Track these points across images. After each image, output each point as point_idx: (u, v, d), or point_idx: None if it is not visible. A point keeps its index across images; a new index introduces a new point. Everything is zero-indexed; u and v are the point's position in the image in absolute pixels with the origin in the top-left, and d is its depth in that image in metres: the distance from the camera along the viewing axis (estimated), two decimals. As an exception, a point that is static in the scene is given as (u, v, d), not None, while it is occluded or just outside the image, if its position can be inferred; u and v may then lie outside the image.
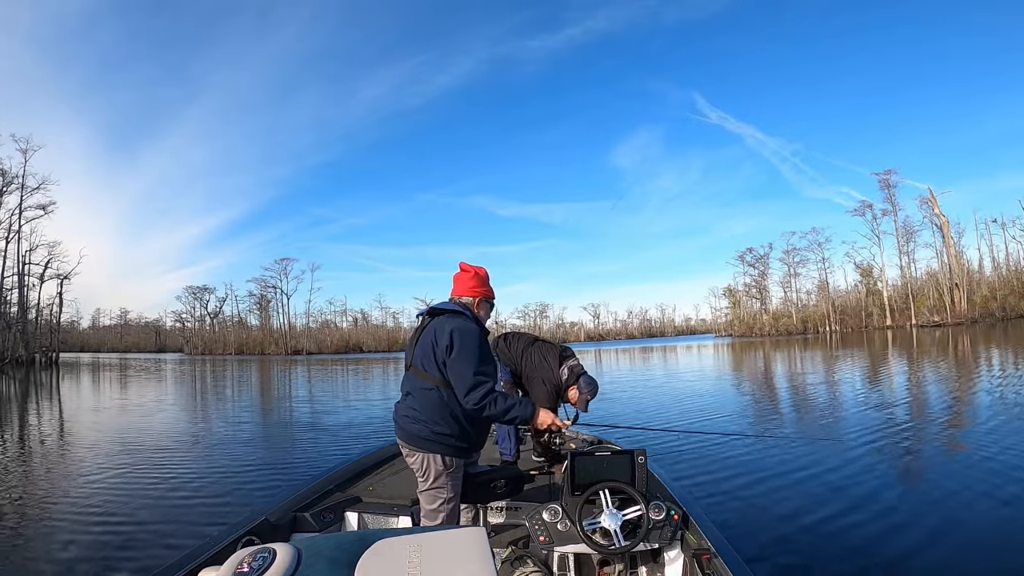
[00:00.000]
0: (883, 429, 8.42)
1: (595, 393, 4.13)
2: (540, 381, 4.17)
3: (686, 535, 2.74)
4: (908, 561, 3.85)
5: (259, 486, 6.51)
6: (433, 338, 2.64)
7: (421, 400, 2.65)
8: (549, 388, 4.14)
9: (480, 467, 3.03)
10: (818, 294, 72.93)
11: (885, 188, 64.33)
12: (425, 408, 2.64)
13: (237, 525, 2.78)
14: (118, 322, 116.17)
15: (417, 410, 2.65)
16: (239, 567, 0.99)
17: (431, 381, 2.63)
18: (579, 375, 4.14)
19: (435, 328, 2.67)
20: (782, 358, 28.45)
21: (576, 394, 4.09)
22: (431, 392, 2.63)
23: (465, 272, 2.90)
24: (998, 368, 16.58)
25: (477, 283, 2.87)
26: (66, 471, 7.60)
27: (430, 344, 2.64)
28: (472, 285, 2.85)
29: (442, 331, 2.61)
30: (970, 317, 54.09)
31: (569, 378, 4.13)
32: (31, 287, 52.13)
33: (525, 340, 4.49)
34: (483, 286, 2.89)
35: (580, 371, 4.17)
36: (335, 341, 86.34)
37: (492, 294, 2.94)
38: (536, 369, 4.22)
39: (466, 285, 2.86)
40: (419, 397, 2.66)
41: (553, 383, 4.14)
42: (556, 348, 4.36)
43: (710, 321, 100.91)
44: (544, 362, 4.22)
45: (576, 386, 4.10)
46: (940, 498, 5.12)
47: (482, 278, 2.90)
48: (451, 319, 2.67)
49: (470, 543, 1.13)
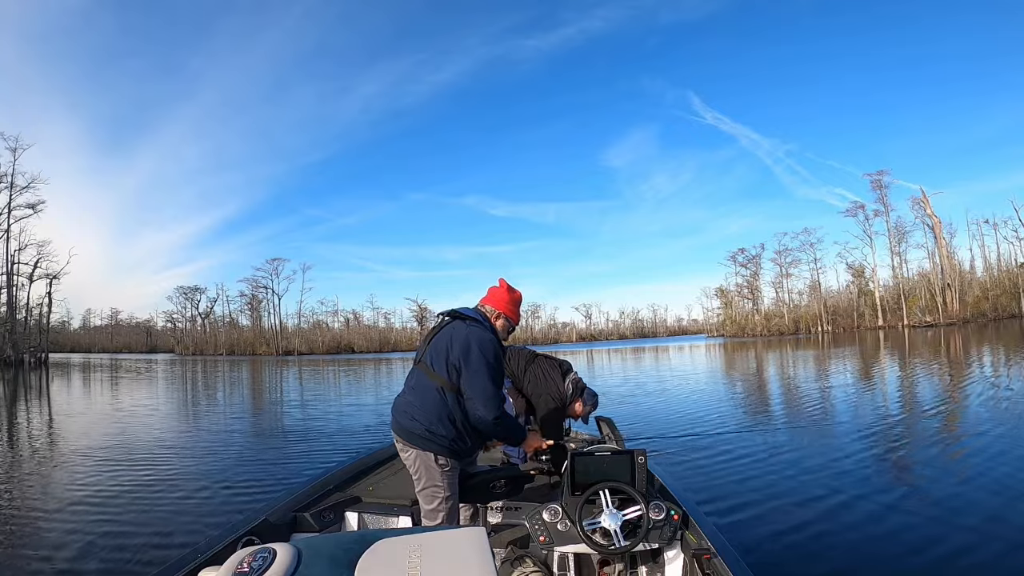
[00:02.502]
0: (882, 429, 8.47)
1: (596, 405, 4.44)
2: (549, 398, 4.29)
3: (686, 535, 2.73)
4: (908, 560, 3.86)
5: (259, 486, 6.48)
6: (449, 340, 2.69)
7: (423, 397, 2.68)
8: (557, 404, 4.29)
9: (480, 467, 3.03)
10: (810, 294, 73.48)
11: (877, 189, 64.89)
12: (425, 406, 2.65)
13: (237, 525, 2.78)
14: (109, 322, 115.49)
15: (417, 407, 2.68)
16: (239, 567, 0.99)
17: (437, 381, 2.65)
18: (582, 389, 4.36)
19: (453, 331, 2.72)
20: (776, 358, 28.63)
21: (581, 407, 4.32)
22: (434, 392, 2.65)
23: (501, 288, 2.97)
24: (990, 367, 16.75)
25: (508, 301, 2.95)
26: (61, 473, 7.51)
27: (445, 346, 2.68)
28: (503, 300, 2.93)
29: (460, 336, 2.67)
30: (962, 317, 54.54)
31: (574, 392, 4.32)
32: (20, 287, 51.86)
33: (526, 356, 4.59)
34: (512, 306, 2.96)
35: (582, 385, 4.39)
36: (326, 341, 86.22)
37: (517, 318, 2.99)
38: (541, 386, 4.34)
39: (497, 298, 2.94)
40: (421, 394, 2.69)
41: (559, 399, 4.29)
42: (557, 363, 4.51)
43: (702, 321, 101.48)
44: (548, 379, 4.35)
45: (581, 400, 4.31)
46: (940, 496, 5.14)
47: (514, 300, 2.98)
48: (471, 326, 2.73)
49: (470, 543, 1.13)
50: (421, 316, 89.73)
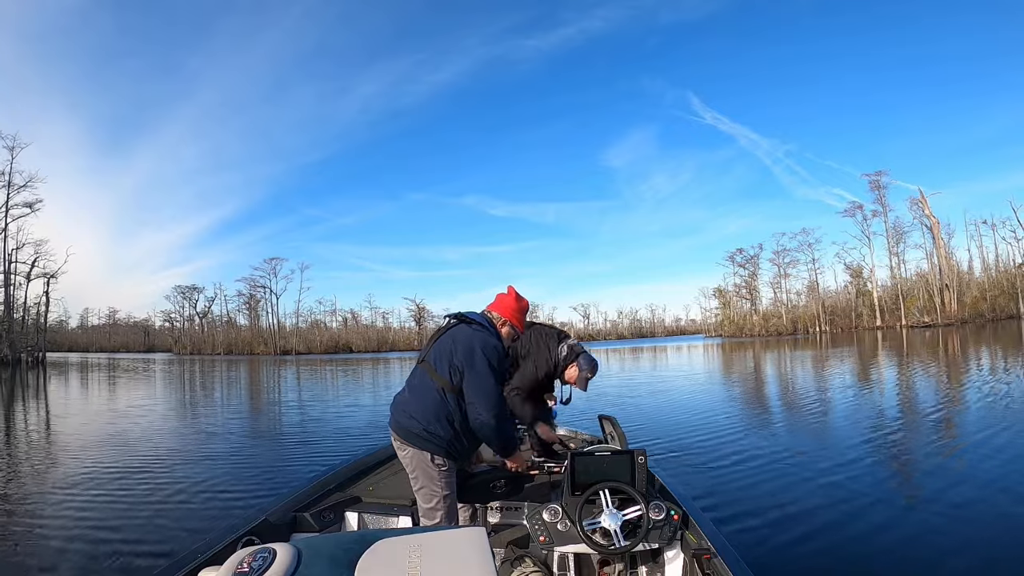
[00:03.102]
0: (881, 429, 8.49)
1: (595, 371, 3.98)
2: (532, 364, 3.97)
3: (686, 535, 2.73)
4: (908, 560, 3.86)
5: (259, 486, 6.47)
6: (452, 343, 2.71)
7: (423, 397, 2.69)
8: (540, 374, 3.98)
9: (479, 467, 3.01)
10: (808, 295, 73.53)
11: (875, 189, 64.85)
12: (424, 405, 2.67)
13: (237, 525, 2.77)
14: (107, 322, 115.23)
15: (416, 406, 2.69)
16: (239, 567, 0.99)
17: (439, 381, 2.67)
18: (579, 353, 3.98)
19: (457, 334, 2.75)
20: (774, 359, 28.66)
21: (575, 372, 3.93)
22: (435, 392, 2.67)
23: (510, 296, 3.00)
24: (987, 367, 16.77)
25: (516, 310, 2.97)
26: (60, 473, 7.49)
27: (448, 348, 2.70)
28: (511, 308, 2.96)
29: (464, 339, 2.70)
30: (960, 318, 54.64)
31: (568, 356, 3.97)
32: (17, 286, 51.71)
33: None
34: (520, 315, 2.99)
35: (580, 350, 4.02)
36: (324, 341, 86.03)
37: (522, 327, 3.03)
38: (531, 351, 4.03)
39: (505, 306, 2.96)
40: (422, 393, 2.70)
41: (546, 369, 3.98)
42: (555, 331, 4.20)
43: (700, 322, 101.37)
44: (541, 344, 4.04)
45: (576, 363, 3.94)
46: (940, 496, 5.15)
47: (522, 308, 3.00)
48: (476, 330, 2.76)
49: (470, 543, 1.13)
50: (419, 316, 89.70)
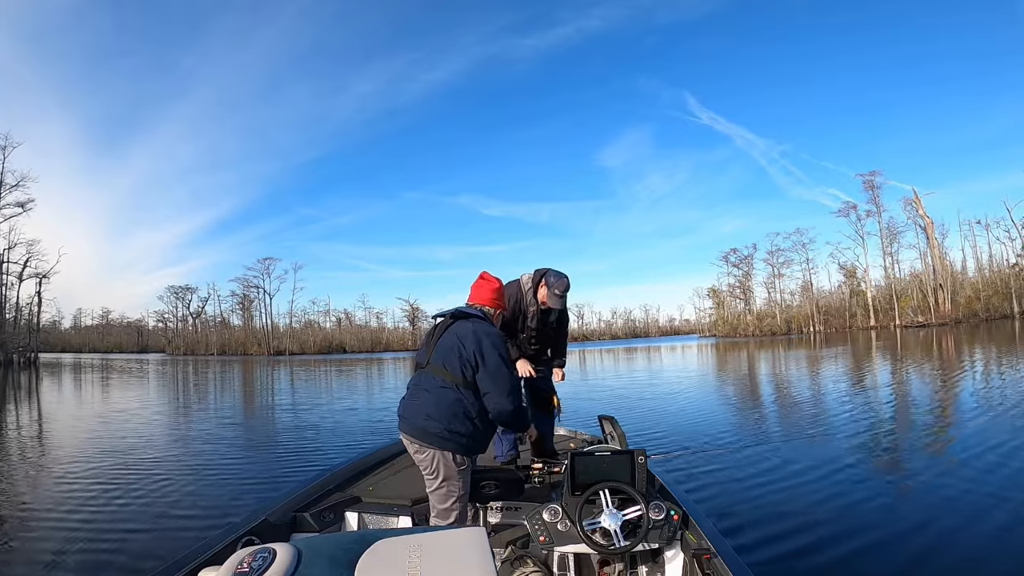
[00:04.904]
0: (879, 429, 8.53)
1: (567, 287, 3.85)
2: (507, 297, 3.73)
3: (686, 535, 2.73)
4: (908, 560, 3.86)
5: (259, 486, 6.46)
6: (458, 339, 2.74)
7: (437, 398, 2.70)
8: (515, 296, 3.87)
9: (480, 467, 3.01)
10: (802, 295, 73.77)
11: (869, 189, 65.01)
12: (441, 405, 2.68)
13: (237, 525, 2.77)
14: (100, 322, 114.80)
15: (432, 407, 2.70)
16: (239, 567, 0.98)
17: (451, 380, 2.70)
18: (543, 274, 3.87)
19: (460, 330, 2.78)
20: (769, 358, 28.79)
21: (546, 291, 3.83)
22: (449, 390, 2.69)
23: (488, 282, 3.06)
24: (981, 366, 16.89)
25: (496, 296, 3.05)
26: (58, 474, 7.43)
27: (455, 345, 2.73)
28: (492, 297, 3.03)
29: (469, 334, 2.73)
30: (954, 318, 54.92)
31: (533, 279, 3.89)
32: (9, 286, 51.50)
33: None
34: (500, 299, 3.08)
35: (543, 271, 3.89)
36: (318, 341, 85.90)
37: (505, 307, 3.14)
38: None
39: (487, 296, 3.02)
40: (436, 395, 2.71)
41: (517, 291, 3.89)
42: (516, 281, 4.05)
43: (694, 322, 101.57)
44: (510, 284, 3.92)
45: (544, 284, 3.84)
46: (940, 496, 5.16)
47: (499, 292, 3.09)
48: (478, 324, 2.80)
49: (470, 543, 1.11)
50: (413, 316, 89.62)
